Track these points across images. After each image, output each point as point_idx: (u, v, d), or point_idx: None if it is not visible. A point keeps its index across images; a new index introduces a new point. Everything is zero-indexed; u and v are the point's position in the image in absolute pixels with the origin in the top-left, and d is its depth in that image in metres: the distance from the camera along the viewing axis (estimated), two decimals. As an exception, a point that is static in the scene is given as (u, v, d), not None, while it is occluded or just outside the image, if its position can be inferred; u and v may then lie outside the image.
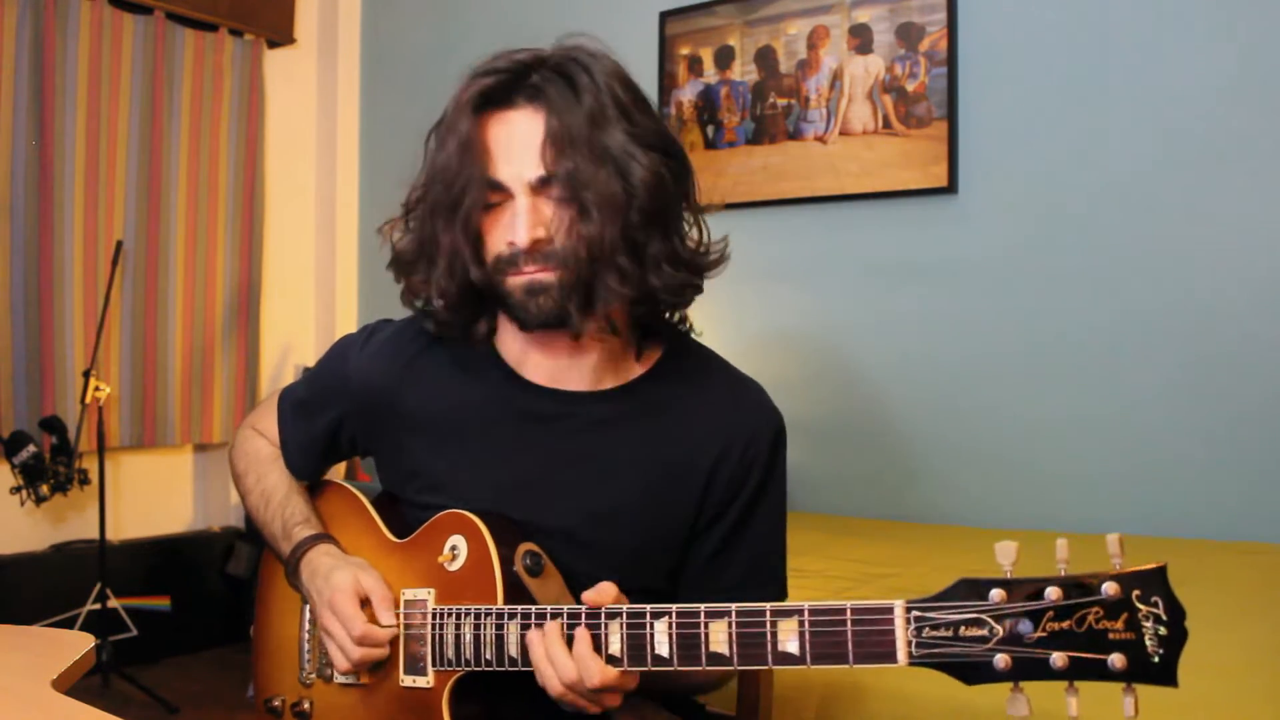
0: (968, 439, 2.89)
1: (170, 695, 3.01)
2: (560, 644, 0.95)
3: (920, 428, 2.98)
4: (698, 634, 0.90)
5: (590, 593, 0.96)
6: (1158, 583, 0.76)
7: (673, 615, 0.91)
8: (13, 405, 3.24)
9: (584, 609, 0.96)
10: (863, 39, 3.04)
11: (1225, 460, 2.54)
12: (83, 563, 3.22)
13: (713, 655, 0.89)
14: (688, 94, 3.35)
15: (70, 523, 3.43)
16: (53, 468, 2.97)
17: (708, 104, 3.32)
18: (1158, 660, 0.75)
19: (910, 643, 0.81)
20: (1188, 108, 2.59)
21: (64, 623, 3.17)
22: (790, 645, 0.86)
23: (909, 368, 2.99)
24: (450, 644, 1.04)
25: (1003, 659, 0.78)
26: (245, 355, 3.84)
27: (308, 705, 1.19)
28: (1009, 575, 0.80)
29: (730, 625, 0.89)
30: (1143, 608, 0.75)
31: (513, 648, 0.99)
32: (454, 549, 1.07)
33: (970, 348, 2.89)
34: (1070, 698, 0.78)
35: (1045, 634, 0.77)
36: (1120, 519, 2.62)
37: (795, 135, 3.16)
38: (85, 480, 3.05)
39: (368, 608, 1.09)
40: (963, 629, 0.79)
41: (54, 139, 3.30)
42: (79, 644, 1.12)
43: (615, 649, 0.94)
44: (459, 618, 1.04)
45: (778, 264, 3.13)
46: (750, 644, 0.88)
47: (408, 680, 1.08)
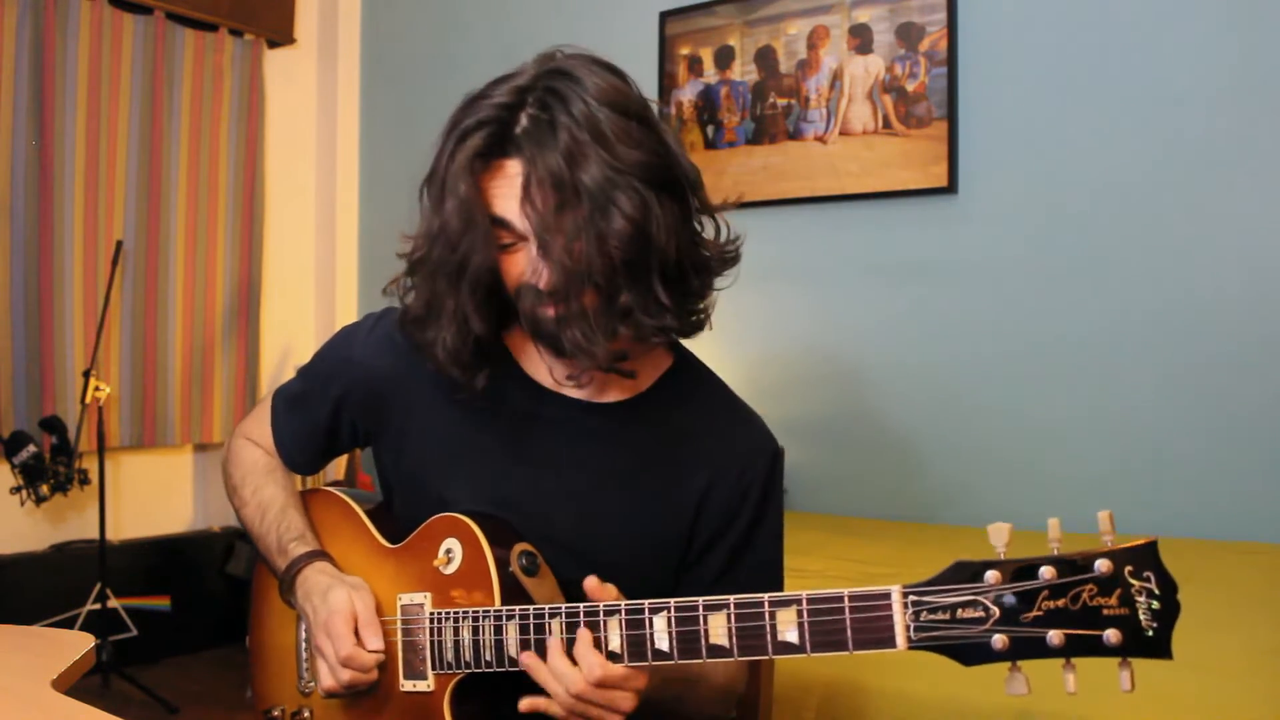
0: (967, 439, 2.89)
1: (170, 695, 3.01)
2: (560, 654, 0.95)
3: (920, 427, 2.98)
4: (697, 628, 0.90)
5: (592, 580, 0.95)
6: (1149, 557, 0.77)
7: (671, 610, 0.92)
8: (13, 405, 3.24)
9: (582, 606, 0.96)
10: (863, 39, 3.04)
11: (1225, 460, 2.55)
12: (83, 563, 3.22)
13: (713, 647, 0.90)
14: (688, 94, 3.35)
15: (70, 523, 3.43)
16: (53, 468, 2.97)
17: (708, 104, 3.32)
18: (1152, 633, 0.76)
19: (909, 627, 0.82)
20: (1188, 108, 2.60)
21: (64, 623, 3.17)
22: (790, 634, 0.86)
23: (909, 367, 2.99)
24: (449, 647, 1.04)
25: (1000, 639, 0.79)
26: (245, 355, 3.84)
27: (308, 714, 1.18)
28: (1002, 557, 0.80)
29: (729, 617, 0.89)
30: (1135, 583, 0.76)
31: (512, 648, 0.99)
32: (449, 552, 1.07)
33: (970, 347, 2.89)
34: (1068, 674, 0.79)
35: (1041, 613, 0.78)
36: (1120, 519, 2.60)
37: (795, 135, 3.16)
38: (85, 480, 3.05)
39: (357, 633, 1.08)
40: (960, 611, 0.80)
41: (54, 139, 3.30)
42: (79, 644, 1.12)
43: (615, 645, 0.94)
44: (457, 620, 1.03)
45: (778, 264, 3.13)
46: (750, 634, 0.88)
47: (408, 685, 1.08)
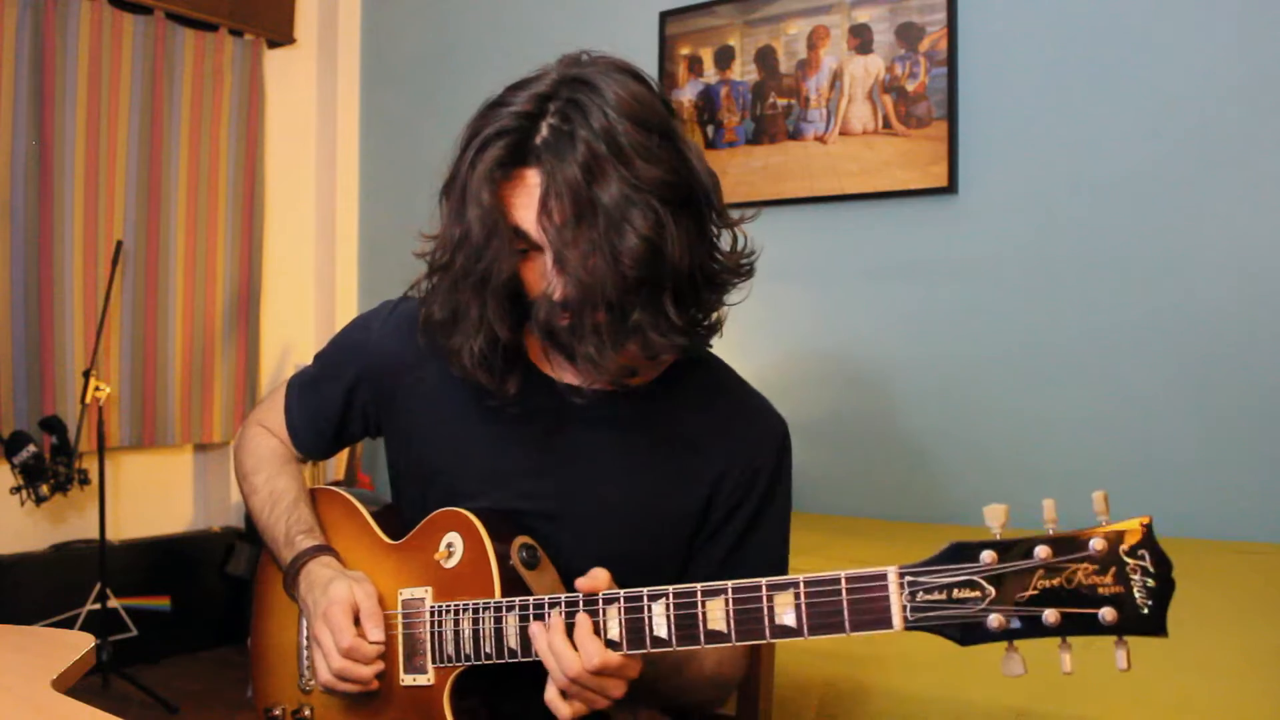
0: (968, 438, 2.89)
1: (170, 695, 3.01)
2: (562, 635, 0.95)
3: (920, 427, 2.98)
4: (695, 613, 0.90)
5: (584, 579, 0.96)
6: (1144, 536, 0.78)
7: (670, 596, 0.92)
8: (13, 405, 3.24)
9: (581, 595, 0.96)
10: (863, 39, 3.04)
11: (1225, 460, 2.54)
12: (83, 563, 3.22)
13: (711, 633, 0.90)
14: (688, 94, 3.35)
15: (70, 523, 3.43)
16: (53, 468, 2.97)
17: (708, 104, 3.32)
18: (1147, 611, 0.76)
19: (905, 607, 0.82)
20: (1188, 108, 2.60)
21: (64, 623, 3.17)
22: (787, 618, 0.87)
23: (909, 367, 2.99)
24: (450, 640, 1.04)
25: (996, 619, 0.79)
26: (245, 355, 3.84)
27: (309, 712, 1.19)
28: (998, 537, 0.80)
29: (727, 602, 0.89)
30: (1130, 561, 0.77)
31: (512, 639, 1.00)
32: (450, 546, 1.08)
33: (970, 347, 2.89)
34: (1063, 654, 0.79)
35: (1036, 591, 0.78)
36: (1120, 518, 2.62)
37: (795, 135, 3.16)
38: (85, 480, 3.05)
39: (359, 624, 1.08)
40: (956, 591, 0.81)
41: (54, 139, 3.30)
42: (79, 644, 1.12)
43: (614, 633, 0.94)
44: (457, 613, 1.04)
45: (777, 264, 3.11)
46: (747, 619, 0.88)
47: (408, 679, 1.08)
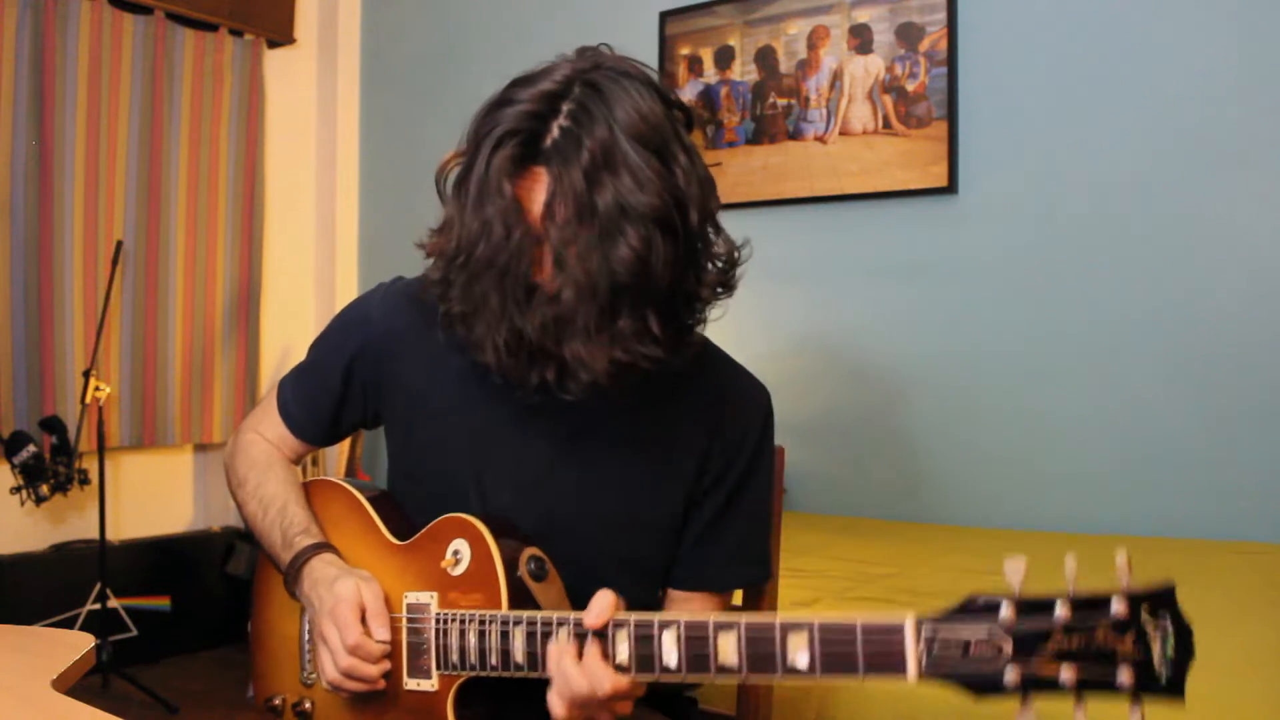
0: (968, 438, 2.89)
1: (170, 695, 3.01)
2: (572, 657, 0.95)
3: (920, 427, 2.98)
4: (706, 652, 0.90)
5: (590, 616, 0.95)
6: (1166, 601, 0.76)
7: (680, 627, 0.91)
8: (13, 405, 3.24)
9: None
10: (863, 39, 3.04)
11: (1225, 460, 2.54)
12: (83, 563, 3.22)
13: (722, 667, 0.89)
14: (688, 94, 3.35)
15: (70, 523, 3.43)
16: (53, 468, 2.97)
17: (708, 104, 3.32)
18: (1165, 677, 0.75)
19: (921, 659, 0.81)
20: (1187, 108, 2.59)
21: (64, 623, 3.17)
22: (800, 659, 0.86)
23: (908, 368, 2.99)
24: (455, 648, 1.04)
25: (1012, 675, 0.78)
26: (245, 355, 3.84)
27: (309, 705, 1.18)
28: (1018, 592, 0.80)
29: (739, 639, 0.88)
30: (1151, 625, 0.75)
31: (519, 654, 0.99)
32: (457, 553, 1.07)
33: (970, 347, 2.89)
34: (1078, 712, 0.78)
35: (1054, 650, 0.77)
36: (1121, 518, 2.63)
37: (795, 135, 3.16)
38: (85, 480, 3.05)
39: (364, 623, 1.08)
40: (973, 645, 0.80)
41: (54, 139, 3.30)
42: (79, 644, 1.12)
43: (623, 657, 0.93)
44: (464, 623, 1.03)
45: (777, 264, 3.13)
46: (759, 657, 0.88)
47: (411, 683, 1.08)
